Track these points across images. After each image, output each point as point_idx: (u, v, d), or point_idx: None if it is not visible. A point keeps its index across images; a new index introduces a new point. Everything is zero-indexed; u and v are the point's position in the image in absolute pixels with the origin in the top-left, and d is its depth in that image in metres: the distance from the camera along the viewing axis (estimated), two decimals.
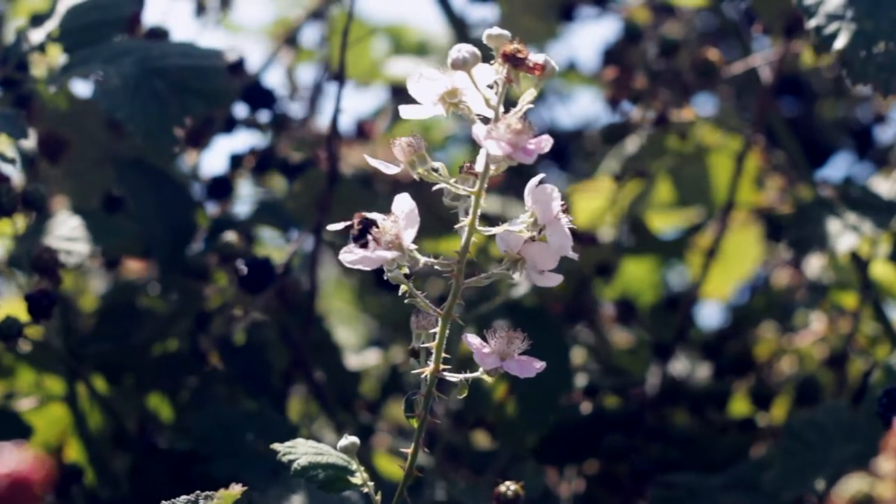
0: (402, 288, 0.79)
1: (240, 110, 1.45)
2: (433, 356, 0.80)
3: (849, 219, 1.31)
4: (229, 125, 1.45)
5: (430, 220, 0.92)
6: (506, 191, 1.50)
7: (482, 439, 1.50)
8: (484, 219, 0.78)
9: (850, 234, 1.29)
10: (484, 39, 0.74)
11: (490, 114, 0.75)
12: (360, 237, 0.76)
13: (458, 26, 1.60)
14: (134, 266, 1.48)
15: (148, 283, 1.42)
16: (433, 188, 0.79)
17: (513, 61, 0.72)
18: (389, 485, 0.90)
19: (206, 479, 1.16)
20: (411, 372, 0.81)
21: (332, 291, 1.91)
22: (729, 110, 1.63)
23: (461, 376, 0.80)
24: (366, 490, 0.85)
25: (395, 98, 1.67)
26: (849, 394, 1.46)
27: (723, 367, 1.56)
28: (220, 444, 1.19)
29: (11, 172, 1.13)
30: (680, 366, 1.59)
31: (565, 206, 0.76)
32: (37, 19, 1.23)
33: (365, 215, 0.77)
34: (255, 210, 1.42)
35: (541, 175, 0.77)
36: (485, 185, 0.75)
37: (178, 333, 1.37)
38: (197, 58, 1.17)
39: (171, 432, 1.38)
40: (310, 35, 1.71)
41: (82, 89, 1.39)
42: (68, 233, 1.16)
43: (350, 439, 0.85)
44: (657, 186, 1.60)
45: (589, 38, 3.48)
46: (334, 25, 1.68)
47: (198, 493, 0.85)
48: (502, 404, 1.34)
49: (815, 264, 1.63)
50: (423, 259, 0.78)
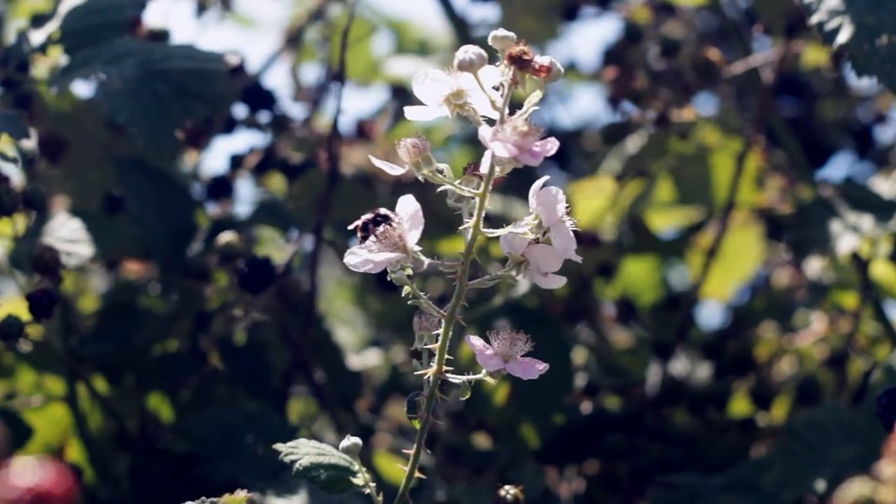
0: (406, 289, 0.79)
1: (240, 111, 1.45)
2: (436, 358, 0.80)
3: (849, 219, 1.31)
4: (229, 125, 1.45)
5: (429, 221, 0.92)
6: (507, 190, 1.50)
7: (482, 439, 1.50)
8: (485, 219, 0.78)
9: (851, 235, 1.29)
10: (489, 41, 0.74)
11: (496, 115, 0.75)
12: (375, 226, 0.76)
13: (460, 26, 1.60)
14: (134, 266, 1.47)
15: (148, 284, 1.42)
16: (436, 189, 0.79)
17: (519, 63, 0.71)
18: (390, 485, 0.90)
19: (206, 480, 1.16)
20: (414, 373, 0.81)
21: (332, 291, 1.91)
22: (729, 110, 1.63)
23: (464, 378, 0.80)
24: (367, 491, 0.84)
25: (396, 98, 1.67)
26: (849, 394, 1.46)
27: (723, 366, 1.56)
28: (220, 445, 1.19)
29: (12, 172, 1.13)
30: (680, 366, 1.59)
31: (568, 207, 0.76)
32: (38, 20, 1.23)
33: (381, 211, 0.77)
34: (256, 210, 1.42)
35: (546, 177, 0.77)
36: (489, 187, 0.75)
37: (178, 334, 1.37)
38: (199, 61, 1.17)
39: (172, 433, 1.37)
40: (312, 35, 1.71)
41: (83, 89, 1.39)
42: (69, 234, 1.16)
43: (352, 440, 0.85)
44: (658, 186, 1.60)
45: (589, 37, 3.49)
46: (336, 25, 1.68)
47: (203, 499, 0.84)
48: (504, 405, 1.34)
49: (815, 264, 1.63)
50: (427, 261, 0.77)
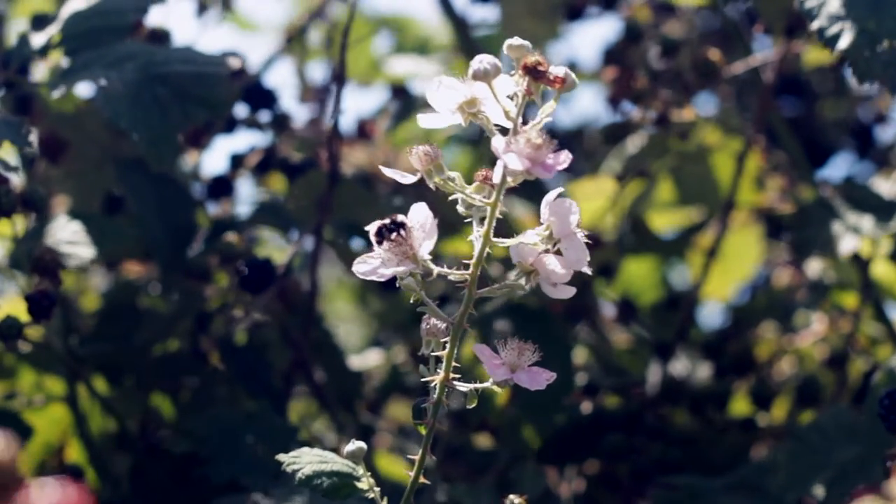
0: (414, 296, 0.78)
1: (240, 110, 1.45)
2: (443, 365, 0.79)
3: (850, 220, 1.31)
4: (230, 125, 1.44)
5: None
6: (508, 190, 1.49)
7: (483, 439, 1.50)
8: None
9: (852, 236, 1.29)
10: (504, 50, 0.74)
11: (509, 125, 0.75)
12: (389, 233, 0.76)
13: (460, 25, 1.59)
14: (135, 266, 1.47)
15: (149, 284, 1.42)
16: (438, 192, 0.78)
17: (533, 74, 0.71)
18: (391, 485, 0.89)
19: (206, 481, 1.16)
20: (421, 380, 0.80)
21: (332, 292, 1.91)
22: (730, 110, 1.63)
23: (471, 386, 0.80)
24: (371, 496, 0.84)
25: (396, 97, 1.67)
26: (849, 394, 1.47)
27: (723, 367, 1.56)
28: (221, 446, 1.19)
29: (12, 175, 1.12)
30: (680, 366, 1.59)
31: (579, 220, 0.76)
32: (38, 21, 1.22)
33: (396, 218, 0.76)
34: (256, 210, 1.41)
35: (559, 189, 0.76)
36: (501, 197, 0.75)
37: (178, 334, 1.37)
38: (199, 64, 1.16)
39: (173, 433, 1.37)
40: (315, 34, 1.70)
41: (83, 90, 1.39)
42: (70, 236, 1.16)
43: (357, 444, 0.85)
44: (658, 186, 1.59)
45: (589, 36, 3.49)
46: (337, 24, 1.68)
47: None
48: (504, 406, 1.34)
49: (815, 264, 1.63)
50: (436, 270, 0.77)
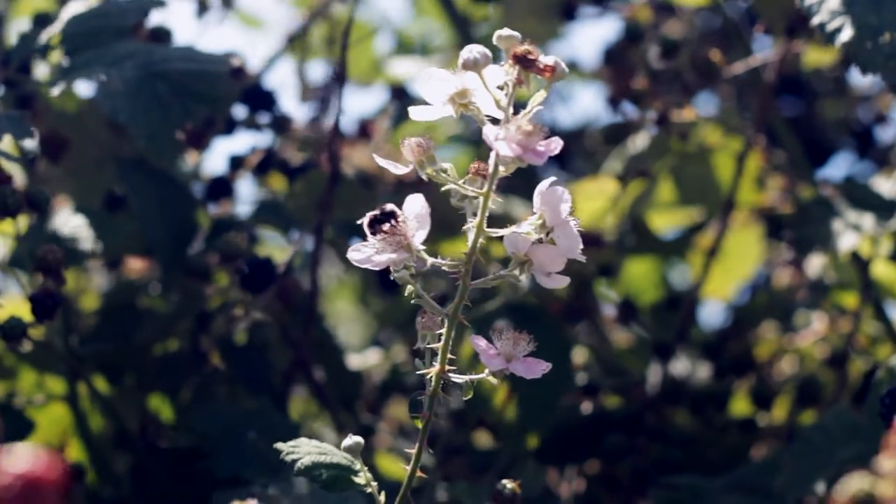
0: (409, 288, 0.79)
1: (240, 111, 1.45)
2: (438, 357, 0.80)
3: (850, 217, 1.31)
4: (230, 126, 1.45)
5: (432, 222, 0.92)
6: (508, 190, 1.50)
7: (483, 439, 1.50)
8: (488, 219, 0.78)
9: (852, 233, 1.29)
10: (494, 40, 0.74)
11: (500, 115, 0.75)
12: (381, 223, 0.76)
13: (461, 25, 1.60)
14: (135, 266, 1.47)
15: (149, 283, 1.42)
16: (439, 190, 0.79)
17: (523, 63, 0.72)
18: (391, 485, 0.90)
19: (207, 479, 1.16)
20: (416, 373, 0.81)
21: (333, 292, 1.91)
22: (730, 110, 1.63)
23: (466, 378, 0.80)
24: (369, 490, 0.84)
25: (397, 98, 1.67)
26: (850, 394, 1.46)
27: (723, 366, 1.56)
28: (222, 441, 1.20)
29: (14, 172, 1.13)
30: (681, 365, 1.59)
31: (572, 207, 0.76)
32: (39, 21, 1.23)
33: (387, 207, 0.77)
34: (256, 210, 1.42)
35: (552, 178, 0.77)
36: (493, 187, 0.75)
37: (179, 333, 1.37)
38: (199, 62, 1.17)
39: (173, 432, 1.37)
40: (317, 34, 1.71)
41: (84, 89, 1.39)
42: (71, 232, 1.16)
43: (354, 439, 0.85)
44: (659, 186, 1.60)
45: (590, 36, 3.50)
46: (338, 24, 1.68)
47: None
48: (504, 404, 1.34)
49: (816, 264, 1.63)
50: (430, 260, 0.78)
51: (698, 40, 1.58)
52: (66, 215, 1.19)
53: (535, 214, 0.78)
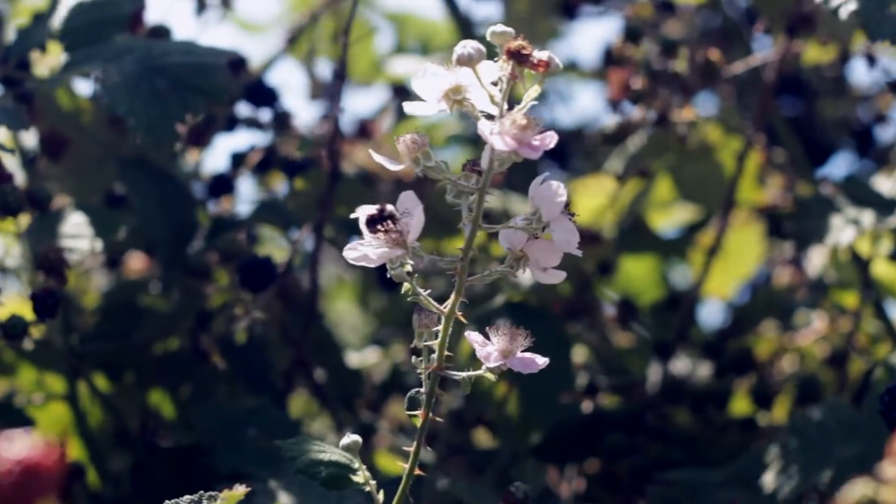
0: (406, 286, 0.79)
1: (242, 109, 1.45)
2: (436, 354, 0.80)
3: (850, 213, 1.31)
4: (231, 124, 1.45)
5: (430, 220, 0.92)
6: (505, 187, 1.50)
7: (483, 438, 1.50)
8: (485, 216, 0.78)
9: (852, 228, 1.29)
10: (488, 36, 0.74)
11: (495, 111, 0.75)
12: (377, 222, 0.76)
13: (463, 24, 1.60)
14: (135, 265, 1.48)
15: (149, 282, 1.42)
16: (436, 187, 0.79)
17: (517, 58, 0.72)
18: (390, 483, 0.90)
19: (207, 477, 1.16)
20: (414, 370, 0.81)
21: (333, 291, 1.91)
22: (730, 109, 1.63)
23: (464, 374, 0.80)
24: (368, 488, 0.84)
25: (398, 97, 1.67)
26: (850, 392, 1.46)
27: (724, 365, 1.56)
28: (222, 438, 1.20)
29: (14, 170, 1.13)
30: (681, 365, 1.59)
31: (568, 203, 0.76)
32: (38, 18, 1.23)
33: (382, 205, 0.77)
34: (257, 209, 1.42)
35: (546, 173, 0.77)
36: (489, 182, 0.75)
37: (179, 332, 1.37)
38: (197, 55, 1.17)
39: (173, 430, 1.38)
40: (321, 32, 1.71)
41: (83, 88, 1.40)
42: (72, 229, 1.16)
43: (353, 437, 0.85)
44: (658, 185, 1.60)
45: (590, 35, 3.50)
46: (341, 21, 1.68)
47: (201, 493, 0.85)
48: (503, 403, 1.34)
49: (816, 263, 1.63)
50: (426, 257, 0.78)
51: (698, 40, 1.58)
52: (65, 213, 1.19)
53: (530, 209, 0.78)
